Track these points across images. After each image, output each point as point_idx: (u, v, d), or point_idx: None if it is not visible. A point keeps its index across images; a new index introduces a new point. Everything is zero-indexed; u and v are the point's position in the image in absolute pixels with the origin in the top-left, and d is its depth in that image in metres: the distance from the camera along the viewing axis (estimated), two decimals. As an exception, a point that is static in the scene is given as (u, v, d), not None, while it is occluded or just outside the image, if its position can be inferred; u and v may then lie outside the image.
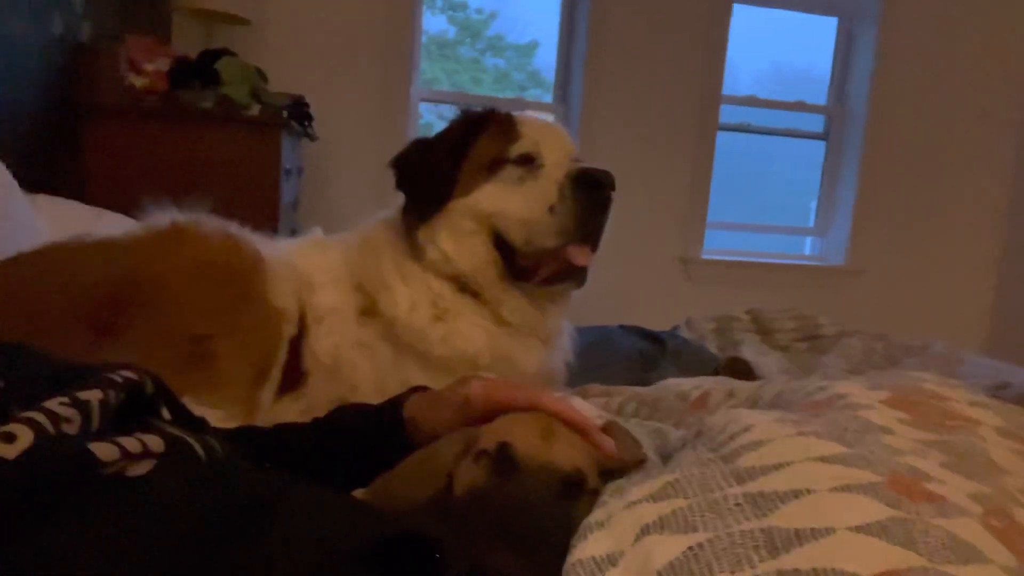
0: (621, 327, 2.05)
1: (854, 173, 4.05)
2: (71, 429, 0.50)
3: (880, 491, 0.52)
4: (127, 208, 1.85)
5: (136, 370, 0.63)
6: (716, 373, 1.57)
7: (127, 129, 2.45)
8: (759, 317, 2.16)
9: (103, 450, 0.49)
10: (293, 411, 1.33)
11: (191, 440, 0.57)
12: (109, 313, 1.17)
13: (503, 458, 0.65)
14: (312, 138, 3.13)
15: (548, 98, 4.04)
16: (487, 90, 4.32)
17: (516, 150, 1.36)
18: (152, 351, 1.17)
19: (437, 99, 3.96)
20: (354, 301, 1.41)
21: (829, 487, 0.52)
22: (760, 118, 4.12)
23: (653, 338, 1.89)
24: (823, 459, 0.55)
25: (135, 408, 0.61)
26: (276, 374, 1.32)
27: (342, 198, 3.52)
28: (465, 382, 0.81)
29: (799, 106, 4.13)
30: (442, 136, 1.43)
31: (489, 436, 0.68)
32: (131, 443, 0.51)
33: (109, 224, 1.77)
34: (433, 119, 4.09)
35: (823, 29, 4.15)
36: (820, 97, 4.17)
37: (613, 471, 0.73)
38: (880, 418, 0.66)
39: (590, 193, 1.29)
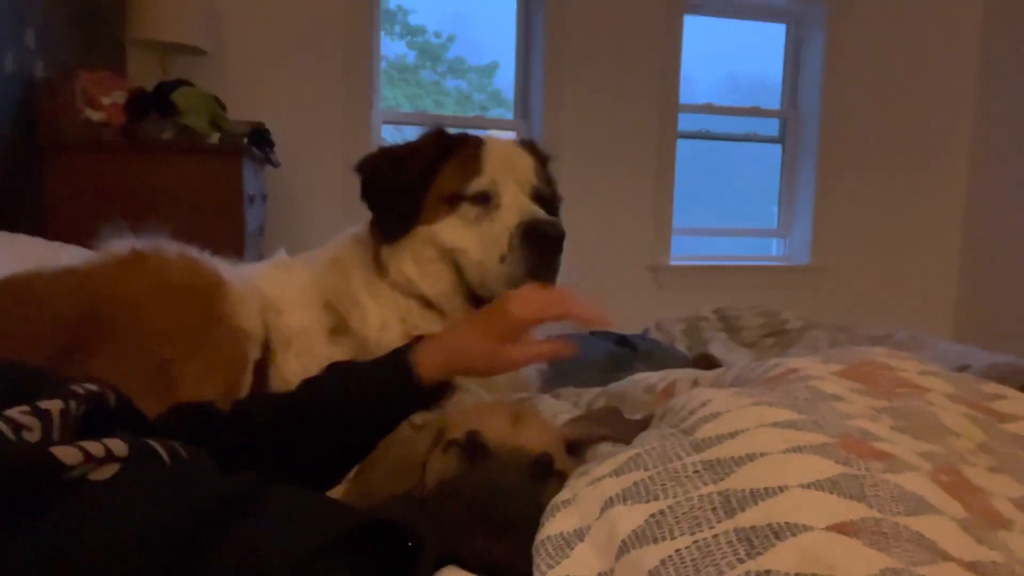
0: (591, 332, 2.07)
1: (812, 174, 4.14)
2: (32, 437, 0.50)
3: (831, 451, 0.54)
4: (90, 242, 1.84)
5: (99, 383, 0.63)
6: (685, 370, 1.59)
7: (87, 163, 2.43)
8: (726, 315, 2.20)
9: (65, 453, 0.49)
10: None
11: (155, 445, 0.58)
12: (72, 342, 1.16)
13: (473, 445, 0.66)
14: (274, 164, 3.13)
15: (510, 116, 4.09)
16: (449, 112, 4.36)
17: (474, 187, 1.35)
18: (118, 377, 1.15)
19: (399, 121, 3.98)
20: (323, 320, 1.41)
21: (782, 449, 0.54)
22: (718, 125, 4.20)
23: (624, 341, 1.91)
24: (776, 424, 0.57)
25: (98, 420, 0.61)
26: (243, 395, 1.31)
27: (308, 223, 3.52)
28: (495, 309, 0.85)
29: (754, 111, 4.22)
30: (411, 155, 1.41)
31: (458, 426, 0.70)
32: (94, 447, 0.51)
33: (70, 257, 1.75)
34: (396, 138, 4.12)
35: (773, 36, 4.26)
36: (774, 102, 4.27)
37: (580, 446, 0.74)
38: (833, 387, 0.68)
39: (538, 245, 1.28)
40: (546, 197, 1.45)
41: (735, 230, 4.41)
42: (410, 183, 1.39)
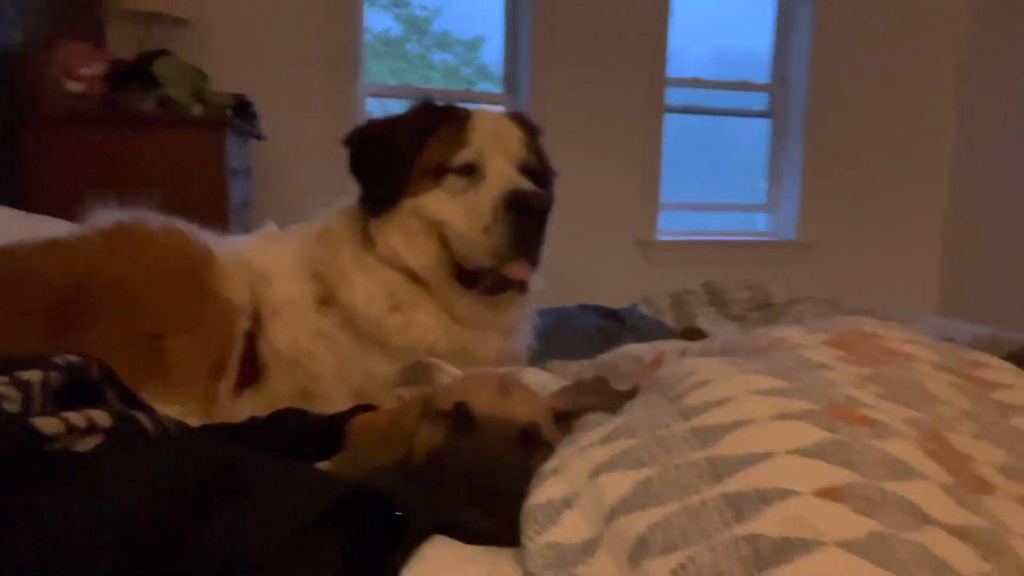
0: (580, 306, 2.07)
1: (799, 149, 4.14)
2: (12, 407, 0.49)
3: (817, 417, 0.55)
4: (71, 215, 1.82)
5: (81, 355, 0.62)
6: (672, 343, 1.60)
7: (67, 136, 2.39)
8: (713, 289, 2.20)
9: (46, 424, 0.48)
10: (254, 405, 1.32)
11: (140, 416, 0.57)
12: (62, 315, 1.16)
13: (460, 416, 0.66)
14: (259, 137, 3.09)
15: (497, 90, 4.05)
16: (436, 86, 4.31)
17: (459, 159, 1.34)
18: (107, 352, 1.15)
19: (385, 94, 3.94)
20: (312, 291, 1.40)
21: (769, 416, 0.54)
22: (706, 99, 4.18)
23: (612, 315, 1.91)
24: (763, 392, 0.58)
25: (82, 393, 0.61)
26: (233, 368, 1.31)
27: (294, 197, 3.48)
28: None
29: (743, 85, 4.21)
30: (399, 128, 1.40)
31: (445, 397, 0.69)
32: (76, 418, 0.51)
33: (52, 230, 1.73)
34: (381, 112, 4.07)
35: (762, 9, 4.23)
36: (763, 76, 4.25)
37: (568, 416, 0.74)
38: (819, 356, 0.68)
39: (522, 216, 1.27)
40: (535, 170, 1.43)
41: (723, 205, 4.42)
42: (397, 156, 1.38)
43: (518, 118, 1.50)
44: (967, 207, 4.22)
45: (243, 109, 2.89)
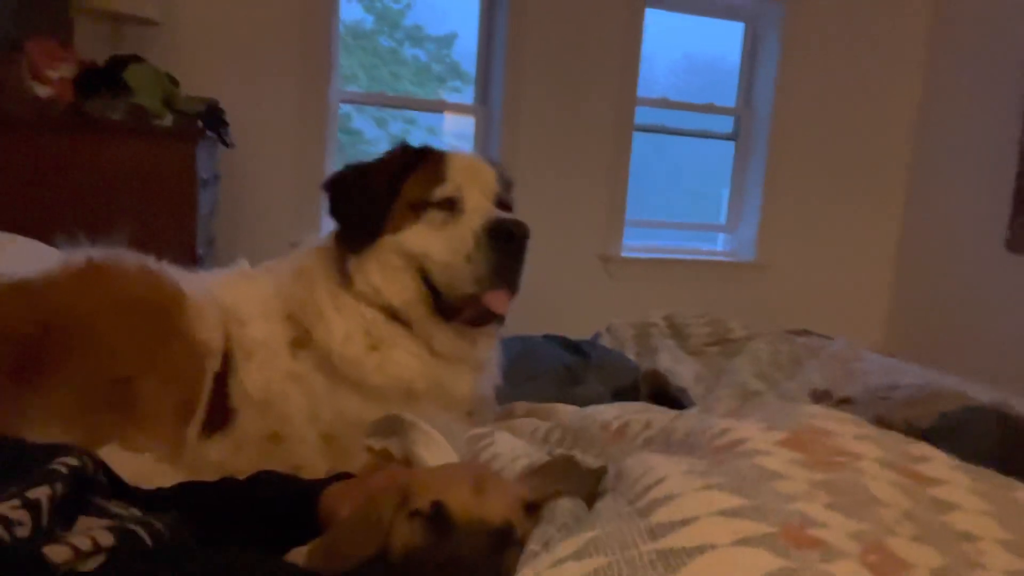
0: (545, 337, 2.12)
1: (761, 172, 4.25)
2: (23, 532, 0.52)
3: (773, 542, 0.60)
4: (33, 224, 1.79)
5: (76, 453, 0.65)
6: (636, 386, 1.66)
7: (32, 142, 2.35)
8: (675, 323, 2.27)
9: (57, 553, 0.51)
10: (221, 449, 1.34)
11: (138, 529, 0.60)
12: (29, 358, 1.16)
13: (438, 518, 0.69)
14: (229, 145, 3.06)
15: (470, 92, 4.06)
16: (407, 84, 4.31)
17: (439, 193, 1.39)
18: (75, 396, 1.16)
19: (357, 100, 3.93)
20: (285, 332, 1.42)
21: (730, 541, 0.60)
22: (674, 120, 4.26)
23: (576, 349, 1.96)
24: (724, 513, 0.63)
25: (78, 488, 0.63)
26: (201, 411, 1.32)
27: (262, 204, 3.47)
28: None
29: (710, 108, 4.30)
30: (378, 169, 1.45)
31: (423, 493, 0.73)
32: (82, 541, 0.53)
33: (19, 251, 1.71)
34: (353, 113, 4.05)
35: (732, 33, 4.32)
36: (731, 99, 4.35)
37: (538, 505, 0.79)
38: (776, 463, 0.73)
39: (503, 243, 1.33)
40: (509, 206, 1.49)
41: (685, 224, 4.51)
42: (377, 193, 1.42)
43: (493, 163, 1.55)
44: (919, 236, 4.39)
45: (213, 116, 2.87)
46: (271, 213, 3.48)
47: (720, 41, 4.39)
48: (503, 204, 1.46)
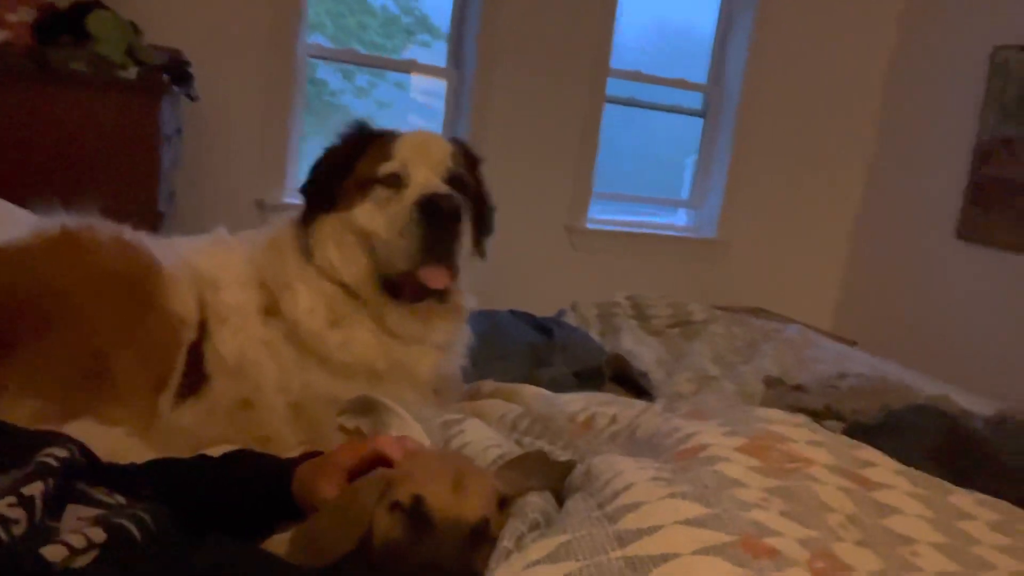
0: (511, 313, 2.15)
1: (727, 150, 4.30)
2: (19, 530, 0.53)
3: (731, 552, 0.65)
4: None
5: (66, 443, 0.66)
6: (599, 369, 1.71)
7: (-12, 88, 2.26)
8: (637, 303, 2.33)
9: (53, 552, 0.53)
10: (193, 415, 1.35)
11: (128, 524, 0.62)
12: (4, 329, 1.15)
13: (417, 513, 0.73)
14: (193, 98, 2.98)
15: (439, 48, 3.98)
16: (374, 36, 4.20)
17: (384, 170, 1.41)
18: (51, 369, 1.16)
19: (326, 56, 3.85)
20: (258, 299, 1.44)
21: (691, 550, 0.64)
22: (644, 93, 4.27)
23: (542, 328, 2.00)
24: (688, 522, 0.67)
25: (66, 478, 0.65)
26: (175, 381, 1.33)
27: (225, 160, 3.40)
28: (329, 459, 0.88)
29: (681, 84, 4.32)
30: (333, 147, 1.49)
31: (404, 486, 0.76)
32: (76, 539, 0.55)
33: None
34: (318, 64, 3.95)
35: (708, 5, 4.32)
36: (702, 71, 4.37)
37: (510, 499, 0.83)
38: (735, 470, 0.78)
39: (433, 219, 1.33)
40: (466, 183, 1.48)
41: (649, 198, 4.56)
42: (326, 170, 1.47)
43: (454, 140, 1.56)
44: (874, 221, 4.51)
45: (178, 68, 2.78)
46: (235, 169, 3.42)
47: (694, 10, 4.39)
48: (457, 180, 1.46)
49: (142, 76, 2.47)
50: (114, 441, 1.13)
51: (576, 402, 1.16)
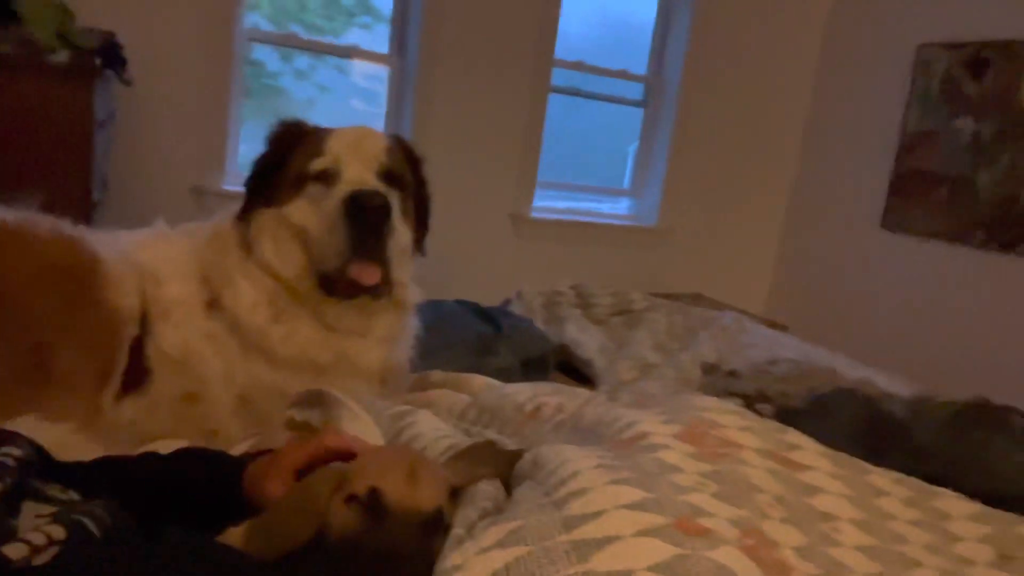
0: (458, 303, 2.18)
1: (667, 140, 4.40)
2: (-24, 526, 0.54)
3: (669, 533, 0.70)
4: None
5: (19, 442, 0.66)
6: (545, 358, 1.76)
7: (-94, 72, 2.16)
8: (581, 292, 2.39)
9: (14, 550, 0.54)
10: (136, 410, 1.35)
11: (87, 521, 0.63)
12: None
13: (374, 504, 0.75)
14: (127, 83, 2.89)
15: (381, 30, 3.94)
16: (313, 17, 4.13)
17: (315, 166, 1.40)
18: (-10, 365, 1.13)
19: (266, 40, 3.77)
20: (200, 293, 1.44)
21: (632, 532, 0.69)
22: (587, 83, 4.33)
23: (488, 317, 2.03)
24: (629, 506, 0.72)
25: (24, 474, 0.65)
26: (117, 376, 1.32)
27: (160, 145, 3.31)
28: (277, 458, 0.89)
29: (622, 74, 4.38)
30: (267, 144, 1.48)
31: (359, 479, 0.78)
32: (37, 537, 0.56)
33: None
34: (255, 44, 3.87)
35: (649, 0, 4.39)
36: (644, 63, 4.45)
37: (462, 489, 0.86)
38: (673, 457, 0.84)
39: (361, 216, 1.33)
40: (401, 179, 1.49)
41: (591, 187, 4.63)
42: (259, 166, 1.47)
43: (392, 137, 1.55)
44: (804, 210, 4.69)
45: (111, 52, 2.70)
46: (171, 154, 3.33)
47: (635, 2, 4.46)
48: (391, 176, 1.46)
49: (74, 60, 2.39)
50: (59, 437, 1.12)
51: (523, 392, 1.20)
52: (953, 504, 1.07)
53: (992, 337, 3.65)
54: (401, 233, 1.44)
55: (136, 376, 1.36)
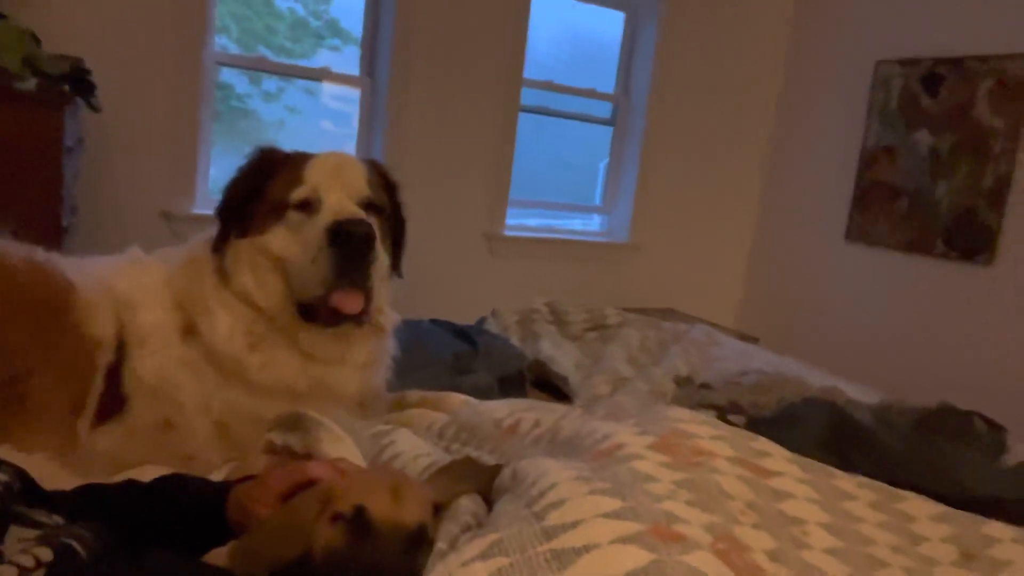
0: (433, 322, 2.20)
1: (636, 157, 4.48)
2: (-36, 551, 0.55)
3: (644, 539, 0.72)
4: None
5: (3, 467, 0.67)
6: (521, 375, 1.78)
7: None
8: (556, 309, 2.41)
9: (4, 572, 0.55)
10: (112, 439, 1.34)
11: (74, 544, 0.64)
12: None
13: (359, 522, 0.77)
14: (96, 109, 2.88)
15: (350, 52, 3.96)
16: (282, 39, 4.14)
17: (296, 195, 1.40)
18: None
19: (235, 64, 3.78)
20: (176, 320, 1.43)
21: (609, 540, 0.71)
22: (556, 102, 4.40)
23: (464, 336, 2.05)
24: (606, 515, 0.74)
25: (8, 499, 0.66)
26: (92, 405, 1.31)
27: (130, 171, 3.30)
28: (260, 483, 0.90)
29: (591, 93, 4.46)
30: (240, 171, 1.47)
31: (345, 498, 0.80)
32: (26, 559, 0.57)
33: None
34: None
35: (616, 21, 4.49)
36: (612, 82, 4.53)
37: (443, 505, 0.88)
38: (647, 466, 0.86)
39: (345, 245, 1.34)
40: (380, 205, 1.50)
41: (564, 205, 4.68)
42: (234, 195, 1.46)
43: (371, 163, 1.56)
44: (771, 225, 4.79)
45: (79, 77, 2.69)
46: (140, 179, 3.32)
47: (602, 22, 4.55)
48: (371, 203, 1.47)
49: (41, 87, 2.38)
50: (35, 467, 1.10)
51: (501, 409, 1.22)
52: (917, 506, 1.11)
53: (953, 342, 3.75)
54: (382, 259, 1.45)
55: (113, 403, 1.35)
